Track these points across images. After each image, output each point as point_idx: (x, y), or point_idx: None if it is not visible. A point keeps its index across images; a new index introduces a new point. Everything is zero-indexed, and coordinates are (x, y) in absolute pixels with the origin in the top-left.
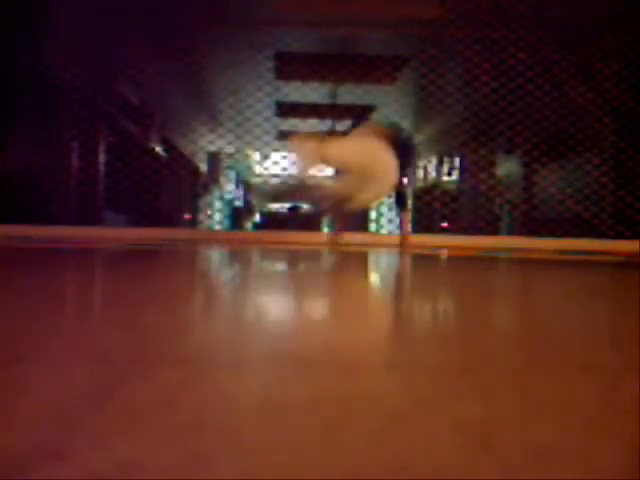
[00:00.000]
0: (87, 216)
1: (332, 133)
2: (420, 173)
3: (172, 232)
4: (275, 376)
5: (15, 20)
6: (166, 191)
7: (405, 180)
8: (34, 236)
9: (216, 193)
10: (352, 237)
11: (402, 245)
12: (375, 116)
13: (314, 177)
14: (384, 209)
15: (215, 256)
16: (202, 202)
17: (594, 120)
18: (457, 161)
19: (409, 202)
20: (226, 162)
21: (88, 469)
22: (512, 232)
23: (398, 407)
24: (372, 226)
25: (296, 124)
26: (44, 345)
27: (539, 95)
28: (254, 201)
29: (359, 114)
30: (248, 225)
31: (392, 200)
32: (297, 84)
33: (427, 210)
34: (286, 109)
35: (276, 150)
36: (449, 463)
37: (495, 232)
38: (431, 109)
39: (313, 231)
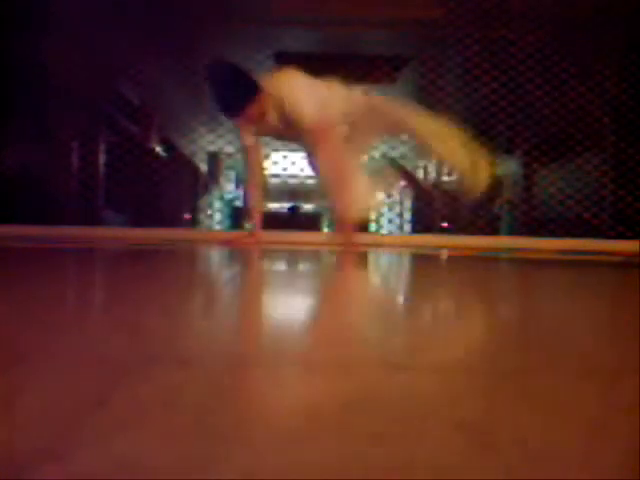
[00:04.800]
0: (87, 216)
1: None
2: (420, 173)
3: (172, 232)
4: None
5: (15, 19)
6: (166, 191)
7: None
8: (34, 236)
9: (216, 193)
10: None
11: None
12: None
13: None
14: (385, 209)
15: (217, 256)
16: (202, 202)
17: (594, 120)
18: None
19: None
20: (226, 162)
21: (89, 469)
22: (512, 232)
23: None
24: (372, 226)
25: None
26: (46, 346)
27: (539, 95)
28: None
29: None
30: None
31: None
32: None
33: (427, 210)
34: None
35: (276, 150)
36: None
37: (495, 232)
38: (431, 109)
39: (313, 231)
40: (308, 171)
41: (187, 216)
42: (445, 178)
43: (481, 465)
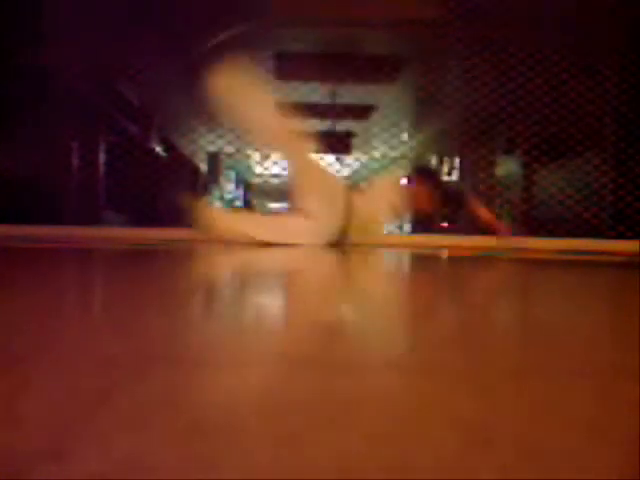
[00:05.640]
0: (87, 216)
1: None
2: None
3: (172, 232)
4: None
5: (15, 18)
6: (166, 191)
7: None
8: (34, 236)
9: (216, 193)
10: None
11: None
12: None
13: None
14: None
15: (218, 257)
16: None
17: (594, 120)
18: (457, 161)
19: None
20: (226, 162)
21: (88, 469)
22: (512, 232)
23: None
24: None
25: (296, 124)
26: (45, 346)
27: (539, 95)
28: (254, 201)
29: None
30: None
31: None
32: (297, 84)
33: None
34: (286, 109)
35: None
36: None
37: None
38: (431, 109)
39: None
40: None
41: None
42: (445, 178)
43: (480, 465)
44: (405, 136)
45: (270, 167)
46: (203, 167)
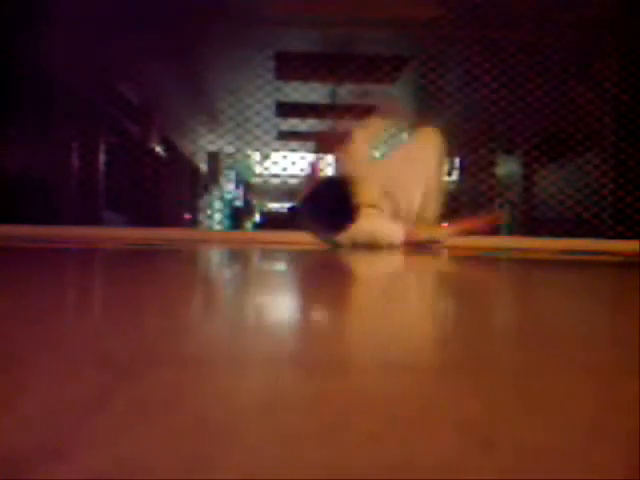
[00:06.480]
0: (87, 216)
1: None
2: None
3: (172, 232)
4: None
5: (15, 19)
6: (166, 191)
7: None
8: (34, 236)
9: (216, 193)
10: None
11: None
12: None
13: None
14: None
15: (219, 257)
16: (202, 202)
17: (594, 120)
18: (457, 161)
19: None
20: (226, 162)
21: (89, 469)
22: (512, 232)
23: None
24: None
25: (296, 124)
26: (45, 346)
27: (539, 95)
28: (254, 201)
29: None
30: (248, 225)
31: None
32: (297, 84)
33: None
34: (286, 109)
35: (276, 150)
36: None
37: (495, 232)
38: (431, 109)
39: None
40: (307, 171)
41: (187, 216)
42: (446, 178)
43: (481, 465)
44: (405, 136)
45: (270, 167)
46: (203, 167)
